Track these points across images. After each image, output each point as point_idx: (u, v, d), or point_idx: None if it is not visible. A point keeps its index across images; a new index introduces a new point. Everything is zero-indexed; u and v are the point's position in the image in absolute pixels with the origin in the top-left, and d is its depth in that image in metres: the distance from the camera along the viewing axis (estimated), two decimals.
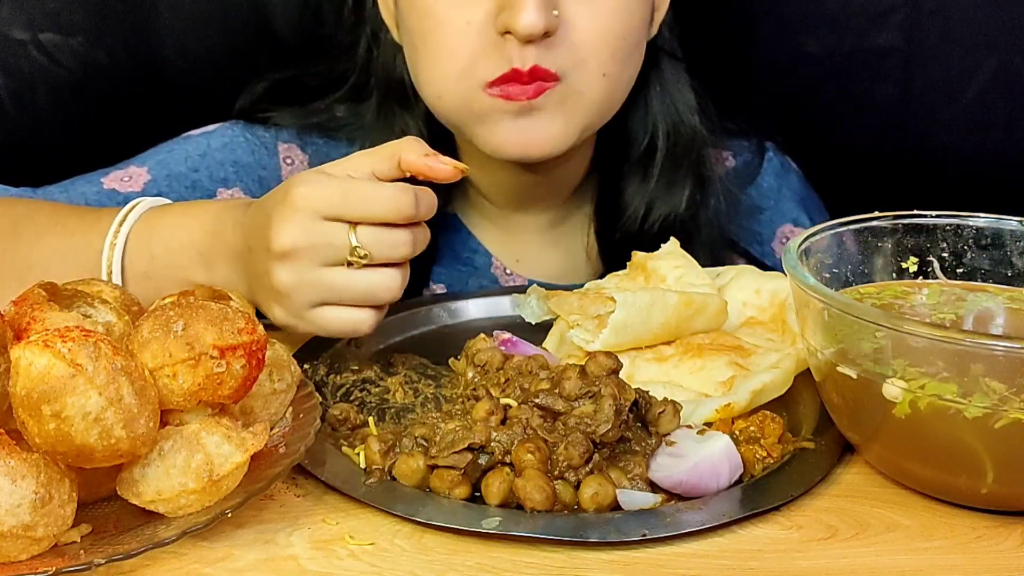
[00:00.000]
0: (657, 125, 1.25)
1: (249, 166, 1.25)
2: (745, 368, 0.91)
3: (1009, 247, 0.91)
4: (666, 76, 1.25)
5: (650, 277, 1.02)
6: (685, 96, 1.26)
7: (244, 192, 1.25)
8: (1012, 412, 0.71)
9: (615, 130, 1.23)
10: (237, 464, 0.70)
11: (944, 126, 1.39)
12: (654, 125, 1.25)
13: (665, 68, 1.25)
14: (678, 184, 1.26)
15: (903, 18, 1.35)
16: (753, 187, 1.36)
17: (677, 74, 1.26)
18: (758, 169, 1.36)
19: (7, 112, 1.33)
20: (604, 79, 1.12)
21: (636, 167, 1.26)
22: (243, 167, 1.24)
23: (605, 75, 1.11)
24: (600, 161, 1.29)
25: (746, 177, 1.35)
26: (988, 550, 0.73)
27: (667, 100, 1.25)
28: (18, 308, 0.75)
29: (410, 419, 0.88)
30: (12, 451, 0.66)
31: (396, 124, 1.23)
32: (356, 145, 1.25)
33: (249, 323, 0.73)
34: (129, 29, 1.35)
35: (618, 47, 1.12)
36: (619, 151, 1.27)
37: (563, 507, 0.76)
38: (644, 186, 1.26)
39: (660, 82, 1.25)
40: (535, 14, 1.03)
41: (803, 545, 0.73)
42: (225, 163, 1.24)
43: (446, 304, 1.09)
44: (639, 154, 1.26)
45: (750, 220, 1.35)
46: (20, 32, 1.30)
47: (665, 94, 1.25)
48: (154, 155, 1.24)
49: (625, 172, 1.27)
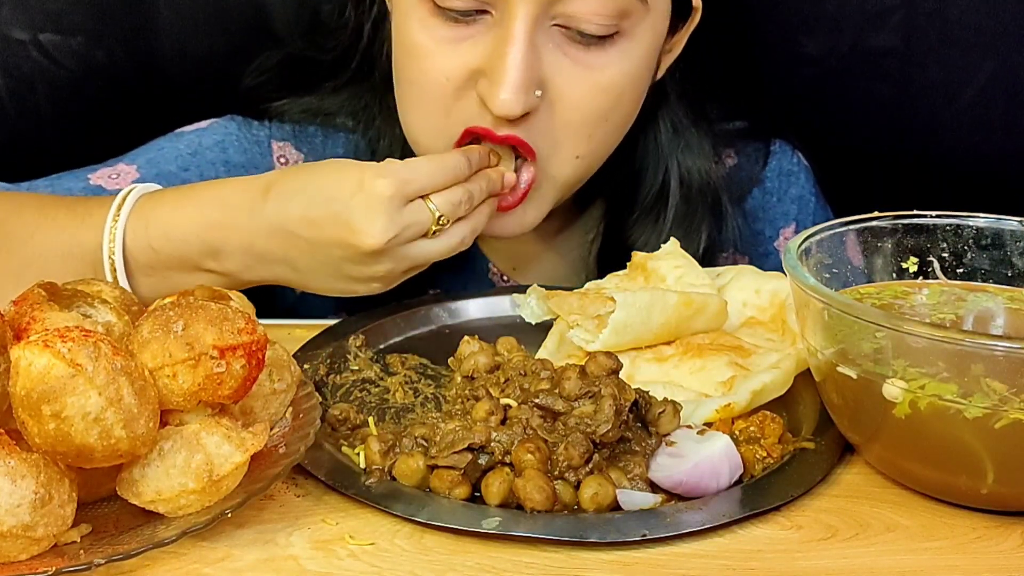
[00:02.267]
0: (668, 166, 1.21)
1: (240, 166, 1.23)
2: (745, 368, 0.91)
3: (1009, 247, 0.91)
4: (676, 116, 1.21)
5: (650, 277, 1.02)
6: (695, 138, 1.21)
7: None
8: (1012, 412, 0.71)
9: (622, 167, 1.18)
10: (237, 464, 0.70)
11: (943, 126, 1.39)
12: (665, 166, 1.21)
13: (674, 107, 1.21)
14: (694, 232, 1.22)
15: (901, 19, 1.35)
16: (757, 187, 1.33)
17: (687, 114, 1.21)
18: (762, 168, 1.32)
19: (7, 112, 1.33)
20: (577, 161, 1.08)
21: (647, 214, 1.22)
22: (234, 167, 1.23)
23: (578, 157, 1.08)
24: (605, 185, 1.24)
25: (751, 180, 1.32)
26: (988, 550, 0.73)
27: (678, 142, 1.21)
28: (18, 308, 0.75)
29: (410, 419, 0.88)
30: (12, 451, 0.66)
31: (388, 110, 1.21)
32: (357, 133, 1.24)
33: (249, 323, 0.73)
34: (129, 29, 1.35)
35: (596, 128, 1.07)
36: (627, 190, 1.23)
37: (563, 507, 0.76)
38: (655, 234, 1.21)
39: (670, 121, 1.21)
40: (514, 98, 0.99)
41: (803, 545, 0.73)
42: (216, 163, 1.23)
43: (446, 304, 1.09)
44: (650, 197, 1.22)
45: (753, 221, 1.33)
46: (20, 32, 1.30)
47: (676, 136, 1.21)
48: (144, 153, 1.22)
49: (635, 219, 1.23)
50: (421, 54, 1.05)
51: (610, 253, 1.25)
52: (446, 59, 1.04)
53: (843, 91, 1.41)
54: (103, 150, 1.27)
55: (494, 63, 1.01)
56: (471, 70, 1.03)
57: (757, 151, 1.34)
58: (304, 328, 1.04)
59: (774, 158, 1.33)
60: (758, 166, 1.33)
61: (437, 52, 1.04)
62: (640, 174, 1.22)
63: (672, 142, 1.21)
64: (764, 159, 1.33)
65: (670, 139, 1.21)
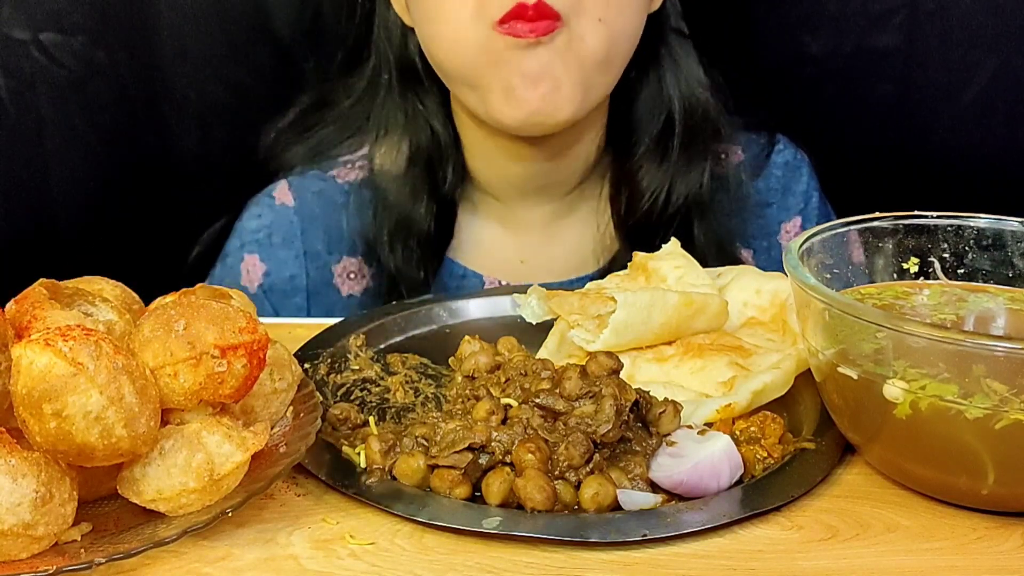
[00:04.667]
0: (673, 101, 1.26)
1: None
2: (746, 368, 0.91)
3: (1010, 248, 0.91)
4: (676, 52, 1.26)
5: (651, 277, 1.02)
6: (696, 71, 1.27)
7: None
8: (1013, 413, 0.71)
9: (626, 115, 1.23)
10: (238, 463, 0.70)
11: (944, 126, 1.39)
12: (669, 101, 1.26)
13: (673, 43, 1.26)
14: (696, 160, 1.26)
15: (903, 19, 1.35)
16: (761, 180, 1.35)
17: (686, 50, 1.27)
18: (765, 162, 1.35)
19: (7, 112, 1.33)
20: (600, 25, 1.13)
21: (653, 149, 1.27)
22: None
23: (601, 20, 1.13)
24: (612, 146, 1.29)
25: (754, 171, 1.35)
26: (989, 551, 0.73)
27: (679, 75, 1.26)
28: (19, 306, 0.75)
29: (410, 419, 0.88)
30: (13, 449, 0.66)
31: (411, 107, 1.25)
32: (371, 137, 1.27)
33: (250, 322, 0.73)
34: (130, 29, 1.35)
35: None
36: (631, 135, 1.27)
37: (563, 507, 0.76)
38: (664, 166, 1.26)
39: (670, 57, 1.26)
40: None
41: (803, 546, 0.73)
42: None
43: (446, 304, 1.09)
44: (656, 134, 1.26)
45: (757, 214, 1.35)
46: (21, 32, 1.30)
47: (676, 69, 1.26)
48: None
49: (640, 154, 1.27)
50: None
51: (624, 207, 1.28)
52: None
53: (845, 91, 1.41)
54: (103, 149, 1.27)
55: None
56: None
57: (761, 145, 1.36)
58: (305, 327, 1.04)
59: (778, 153, 1.36)
60: (761, 156, 1.35)
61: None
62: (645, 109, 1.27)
63: (673, 75, 1.26)
64: (768, 152, 1.35)
65: (671, 73, 1.26)
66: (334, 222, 1.30)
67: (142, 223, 1.41)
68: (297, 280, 1.30)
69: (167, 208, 1.39)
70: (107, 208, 1.41)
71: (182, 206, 1.37)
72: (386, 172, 1.28)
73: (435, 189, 1.27)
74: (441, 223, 1.29)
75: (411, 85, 1.26)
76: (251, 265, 1.29)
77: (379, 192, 1.28)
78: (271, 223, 1.30)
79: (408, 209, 1.26)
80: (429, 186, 1.27)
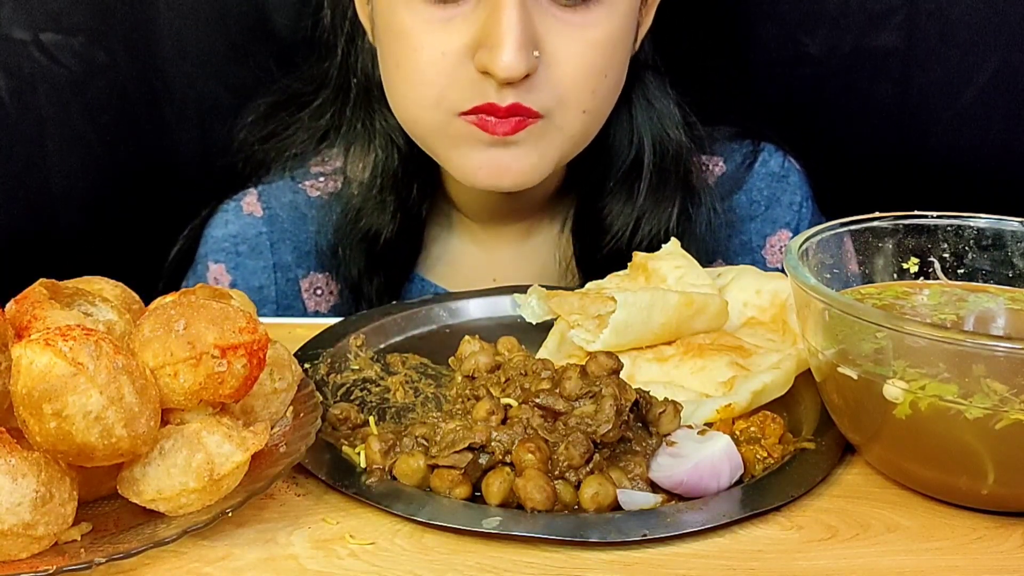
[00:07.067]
0: (643, 140, 1.22)
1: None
2: (746, 368, 0.91)
3: (1010, 248, 0.91)
4: (650, 91, 1.23)
5: (651, 277, 1.02)
6: (669, 109, 1.23)
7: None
8: (1013, 413, 0.71)
9: (595, 145, 1.19)
10: (238, 463, 0.70)
11: (944, 126, 1.39)
12: (639, 140, 1.22)
13: (648, 82, 1.23)
14: (666, 200, 1.23)
15: (903, 19, 1.35)
16: (743, 193, 1.31)
17: (661, 87, 1.24)
18: (747, 174, 1.31)
19: (7, 112, 1.33)
20: (584, 115, 1.10)
21: (620, 185, 1.23)
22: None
23: (585, 112, 1.10)
24: (577, 175, 1.26)
25: (735, 183, 1.31)
26: (989, 551, 0.73)
27: (652, 114, 1.23)
28: (19, 306, 0.75)
29: (410, 419, 0.88)
30: (13, 449, 0.66)
31: (378, 122, 1.22)
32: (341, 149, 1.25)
33: (250, 322, 0.73)
34: (130, 29, 1.35)
35: (599, 84, 1.09)
36: (600, 166, 1.24)
37: (563, 507, 0.76)
38: (630, 204, 1.23)
39: (644, 96, 1.23)
40: (515, 57, 1.00)
41: (803, 546, 0.73)
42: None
43: (446, 304, 1.09)
44: (623, 170, 1.23)
45: (738, 230, 1.32)
46: (21, 32, 1.30)
47: (650, 108, 1.23)
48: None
49: (609, 190, 1.24)
50: (413, 35, 1.06)
51: (587, 240, 1.26)
52: (439, 37, 1.05)
53: (845, 91, 1.41)
54: (103, 150, 1.27)
55: (490, 30, 1.02)
56: (465, 45, 1.05)
57: (743, 154, 1.32)
58: (305, 327, 1.04)
59: (763, 163, 1.32)
60: (743, 168, 1.31)
61: (429, 32, 1.06)
62: (614, 148, 1.23)
63: (646, 115, 1.23)
64: (751, 162, 1.32)
65: (644, 112, 1.23)
66: (304, 235, 1.29)
67: (142, 223, 1.41)
68: (266, 291, 1.28)
69: (167, 208, 1.39)
70: (107, 208, 1.41)
71: (182, 206, 1.37)
72: (356, 185, 1.25)
73: (402, 204, 1.24)
74: (408, 238, 1.27)
75: (378, 104, 1.22)
76: (218, 273, 1.28)
77: (347, 206, 1.25)
78: (237, 233, 1.28)
79: (375, 223, 1.24)
80: (396, 201, 1.24)
